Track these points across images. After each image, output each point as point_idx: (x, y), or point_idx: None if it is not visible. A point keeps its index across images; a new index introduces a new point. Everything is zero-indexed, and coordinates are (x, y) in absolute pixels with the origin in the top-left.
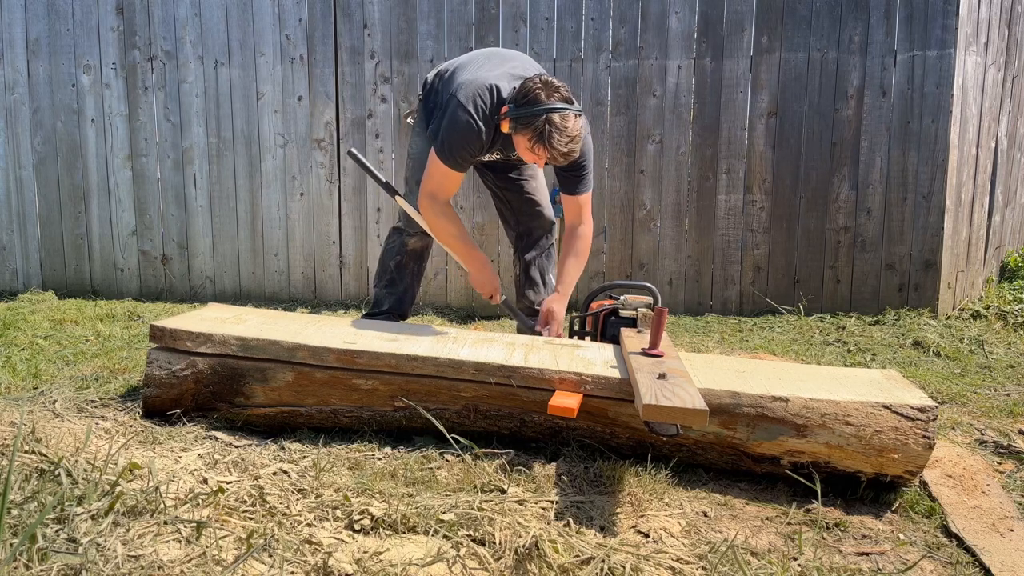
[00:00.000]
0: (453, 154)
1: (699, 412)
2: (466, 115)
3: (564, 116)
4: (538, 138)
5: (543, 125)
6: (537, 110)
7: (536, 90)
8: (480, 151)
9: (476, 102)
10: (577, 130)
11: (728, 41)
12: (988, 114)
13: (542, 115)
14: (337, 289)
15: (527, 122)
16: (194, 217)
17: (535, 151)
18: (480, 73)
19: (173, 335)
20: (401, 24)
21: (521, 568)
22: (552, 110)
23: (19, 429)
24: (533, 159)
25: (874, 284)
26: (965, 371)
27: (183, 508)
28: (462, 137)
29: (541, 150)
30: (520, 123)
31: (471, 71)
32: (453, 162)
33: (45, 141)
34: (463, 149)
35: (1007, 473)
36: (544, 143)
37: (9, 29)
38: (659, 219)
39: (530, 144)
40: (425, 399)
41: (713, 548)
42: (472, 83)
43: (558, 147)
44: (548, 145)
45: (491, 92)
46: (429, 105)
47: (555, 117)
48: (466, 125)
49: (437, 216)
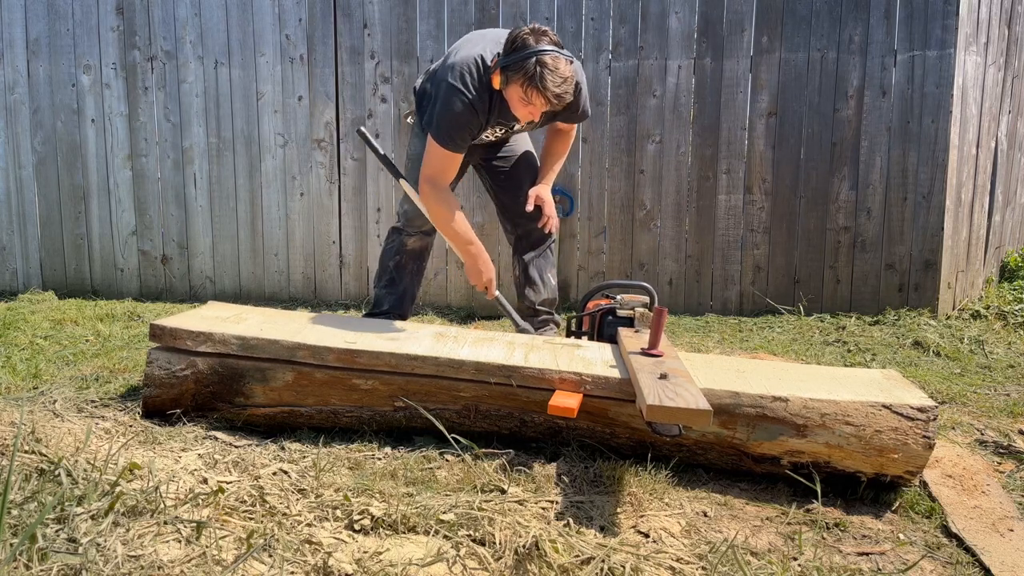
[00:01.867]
0: (451, 135)
1: (703, 412)
2: (456, 92)
3: (555, 58)
4: (529, 81)
5: (534, 67)
6: (527, 53)
7: (524, 36)
8: (479, 128)
9: (464, 78)
10: (570, 72)
11: (728, 41)
12: (988, 114)
13: (532, 57)
14: (337, 289)
15: (518, 67)
16: (194, 217)
17: (528, 96)
18: (462, 54)
19: (173, 334)
20: (401, 24)
21: (521, 568)
22: (542, 51)
23: (19, 429)
24: (528, 113)
25: (874, 284)
26: (965, 371)
27: (183, 508)
28: (457, 115)
29: (534, 94)
30: (511, 70)
31: (455, 56)
32: (451, 143)
33: (45, 141)
34: (460, 128)
35: (1007, 473)
36: (536, 86)
37: (9, 29)
38: (659, 219)
39: (523, 90)
40: (425, 399)
41: (713, 548)
42: (456, 64)
43: (551, 87)
44: (541, 87)
45: (476, 63)
46: (424, 105)
47: (546, 58)
48: (459, 102)
49: (438, 203)
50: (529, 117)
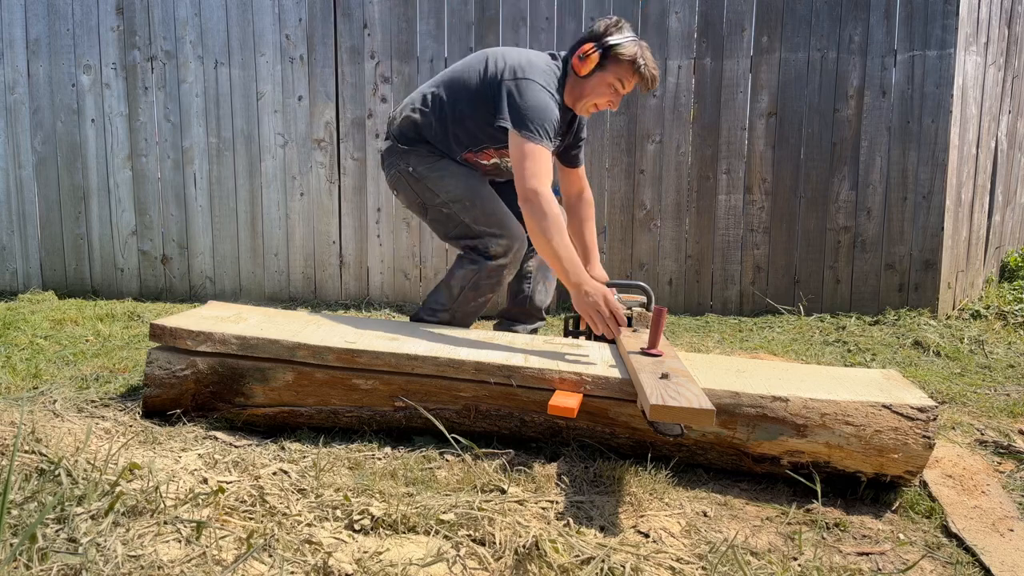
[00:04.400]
0: (546, 127)
1: (706, 412)
2: (540, 87)
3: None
4: (631, 61)
5: (639, 50)
6: (630, 36)
7: (613, 24)
8: (559, 126)
9: (545, 76)
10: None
11: (728, 41)
12: (988, 114)
13: (631, 39)
14: (337, 289)
15: (622, 48)
16: (194, 217)
17: (623, 81)
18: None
19: (173, 334)
20: (401, 24)
21: (521, 568)
22: (634, 38)
23: (19, 429)
24: (609, 99)
25: (874, 284)
26: (965, 371)
27: (183, 508)
28: (550, 105)
29: (633, 78)
30: (615, 50)
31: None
32: (548, 137)
33: (45, 141)
34: (553, 120)
35: (1007, 473)
36: (639, 70)
37: (9, 29)
38: (659, 219)
39: (629, 71)
40: (425, 399)
41: (713, 548)
42: (523, 64)
43: (653, 70)
44: (643, 69)
45: (548, 63)
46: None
47: (643, 43)
48: (546, 94)
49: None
50: (596, 108)
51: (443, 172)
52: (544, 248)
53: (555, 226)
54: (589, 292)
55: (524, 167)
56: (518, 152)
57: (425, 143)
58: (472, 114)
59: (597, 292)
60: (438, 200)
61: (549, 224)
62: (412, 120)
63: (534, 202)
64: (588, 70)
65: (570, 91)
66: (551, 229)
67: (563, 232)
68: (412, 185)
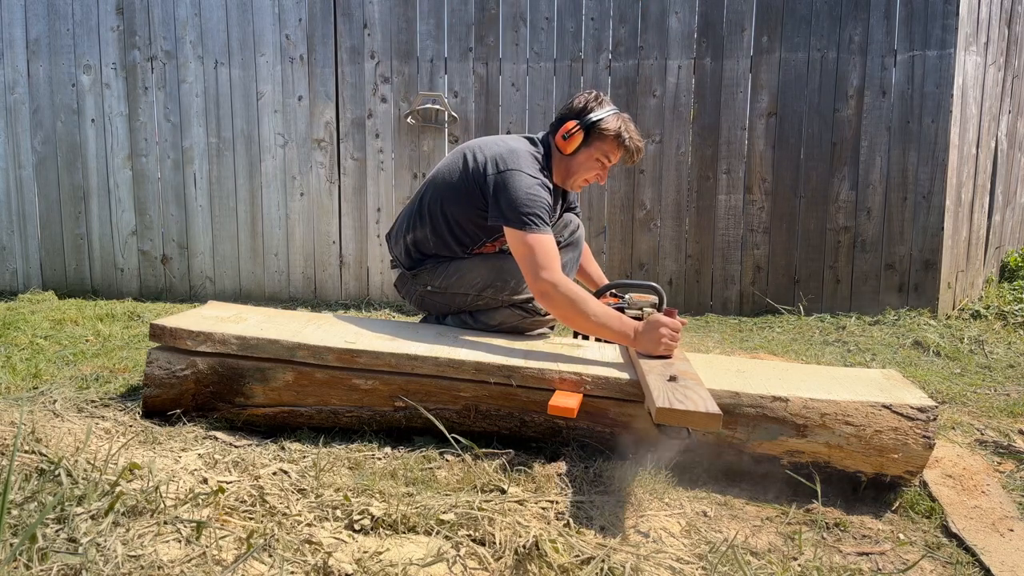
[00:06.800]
0: (540, 214)
1: (713, 416)
2: (526, 175)
3: (626, 118)
4: (616, 136)
5: (622, 124)
6: (610, 110)
7: (590, 99)
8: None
9: (532, 164)
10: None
11: (728, 41)
12: (988, 114)
13: (613, 113)
14: (337, 289)
15: (608, 123)
16: (194, 217)
17: (609, 156)
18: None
19: (173, 334)
20: (401, 24)
21: (521, 568)
22: (615, 111)
23: (19, 429)
24: (597, 173)
25: (874, 284)
26: (965, 371)
27: (183, 508)
28: (537, 194)
29: (618, 151)
30: (598, 127)
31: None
32: (542, 223)
33: (45, 141)
34: (545, 207)
35: (1007, 473)
36: (624, 143)
37: (9, 29)
38: (659, 219)
39: (613, 146)
40: (425, 399)
41: (713, 548)
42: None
43: (637, 142)
44: (628, 142)
45: (529, 150)
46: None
47: (623, 115)
48: (535, 182)
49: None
50: (586, 183)
51: (460, 271)
52: (585, 327)
53: (582, 303)
54: (645, 330)
55: (532, 261)
56: (522, 247)
57: (430, 258)
58: (463, 214)
59: (651, 326)
60: (470, 297)
61: (577, 307)
62: (409, 244)
63: (553, 295)
64: (573, 148)
65: (557, 170)
66: (582, 310)
67: (589, 301)
68: (439, 299)
